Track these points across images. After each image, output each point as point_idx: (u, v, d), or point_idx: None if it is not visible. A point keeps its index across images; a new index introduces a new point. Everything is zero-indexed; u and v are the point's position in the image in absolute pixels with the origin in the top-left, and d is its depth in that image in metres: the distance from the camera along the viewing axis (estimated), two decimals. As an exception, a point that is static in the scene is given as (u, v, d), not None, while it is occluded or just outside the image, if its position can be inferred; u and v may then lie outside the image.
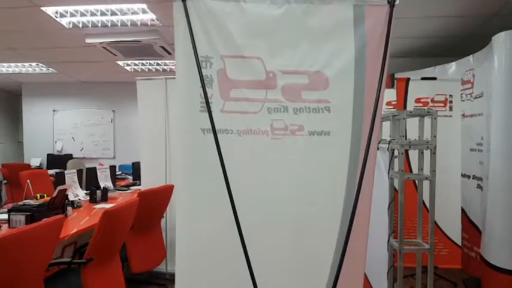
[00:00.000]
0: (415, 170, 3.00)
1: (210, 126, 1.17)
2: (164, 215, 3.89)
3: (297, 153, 1.23)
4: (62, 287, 2.54)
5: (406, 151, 2.37)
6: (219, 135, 1.16)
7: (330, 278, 1.25)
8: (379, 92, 1.14)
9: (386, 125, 3.07)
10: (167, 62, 5.64)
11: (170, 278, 1.54)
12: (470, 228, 3.96)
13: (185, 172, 1.23)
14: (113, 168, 4.83)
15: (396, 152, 2.48)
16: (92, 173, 4.50)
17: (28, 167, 6.44)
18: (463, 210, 3.95)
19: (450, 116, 3.68)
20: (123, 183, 5.35)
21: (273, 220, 1.24)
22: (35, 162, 7.00)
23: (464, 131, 3.80)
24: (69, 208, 3.37)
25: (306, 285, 1.26)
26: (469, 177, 4.01)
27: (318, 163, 1.23)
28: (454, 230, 3.69)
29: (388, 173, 2.53)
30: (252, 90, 1.22)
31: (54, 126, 7.26)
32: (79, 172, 4.31)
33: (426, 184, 2.46)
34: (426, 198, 2.49)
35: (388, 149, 2.51)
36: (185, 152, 1.22)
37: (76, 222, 3.04)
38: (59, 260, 2.64)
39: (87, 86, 7.17)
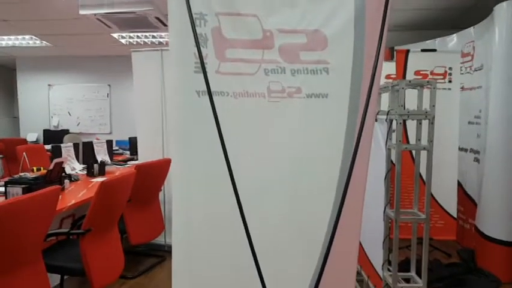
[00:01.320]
0: (412, 142, 2.99)
1: (205, 88, 1.14)
2: (162, 188, 3.90)
3: (294, 117, 1.20)
4: (60, 258, 2.56)
5: (404, 122, 2.35)
6: (214, 98, 1.13)
7: (324, 244, 1.25)
8: (379, 53, 1.11)
9: (385, 97, 3.04)
10: (163, 34, 5.54)
11: (169, 250, 1.55)
12: (466, 200, 4.00)
13: (180, 136, 1.20)
14: (109, 142, 4.82)
15: (394, 124, 2.46)
16: (88, 147, 4.48)
17: (24, 142, 6.41)
18: (459, 183, 3.97)
19: (449, 89, 3.64)
20: (120, 158, 5.35)
21: (270, 184, 1.23)
22: (31, 137, 6.96)
23: (462, 104, 3.78)
24: (66, 181, 3.37)
25: (302, 248, 1.26)
26: (466, 150, 4.02)
27: (315, 126, 1.21)
28: (449, 203, 3.72)
29: (386, 143, 2.52)
30: (248, 50, 1.18)
31: (50, 101, 7.18)
32: (75, 146, 4.29)
33: (423, 156, 2.45)
34: (423, 170, 2.48)
35: (386, 120, 2.49)
36: (180, 115, 1.19)
37: (73, 195, 3.04)
38: (57, 231, 2.66)
39: (82, 60, 7.06)
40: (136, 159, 4.66)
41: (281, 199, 1.24)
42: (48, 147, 4.92)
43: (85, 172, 4.09)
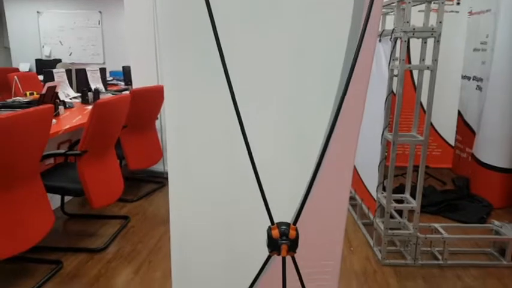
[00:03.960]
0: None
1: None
2: (158, 117, 3.87)
3: (296, 8, 1.10)
4: (59, 179, 2.58)
5: (408, 45, 2.24)
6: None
7: (318, 158, 1.21)
8: None
9: (390, 20, 2.90)
10: (155, -46, 5.16)
11: (167, 177, 1.56)
12: (465, 130, 3.99)
13: (167, 24, 1.11)
14: (103, 70, 4.69)
15: (398, 45, 2.35)
16: (82, 74, 4.37)
17: (17, 71, 6.25)
18: (459, 113, 3.94)
19: (457, 12, 3.47)
20: (114, 88, 5.24)
21: (266, 84, 1.17)
22: (24, 67, 6.77)
23: (469, 30, 3.62)
24: (60, 107, 3.32)
25: (295, 161, 1.23)
26: (469, 78, 3.93)
27: (318, 21, 1.11)
28: (448, 131, 3.71)
29: (389, 64, 2.43)
30: None
31: (40, 30, 6.89)
32: (68, 72, 4.17)
33: (425, 82, 2.36)
34: (423, 99, 2.40)
35: (390, 39, 2.38)
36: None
37: (69, 120, 3.00)
38: (54, 152, 2.65)
39: (70, -16, 6.65)
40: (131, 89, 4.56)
41: (276, 100, 1.19)
42: (41, 77, 4.79)
43: (79, 100, 4.02)
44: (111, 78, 5.81)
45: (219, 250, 1.26)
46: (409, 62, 3.22)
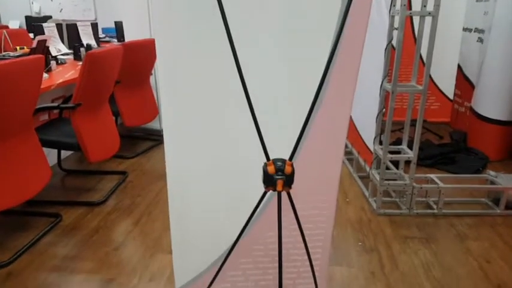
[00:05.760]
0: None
1: None
2: (152, 72, 3.80)
3: None
4: (54, 133, 2.56)
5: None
6: None
7: (314, 95, 1.19)
8: None
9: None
10: None
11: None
12: (464, 84, 3.94)
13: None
14: (94, 25, 4.55)
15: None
16: (73, 30, 4.24)
17: (6, 28, 6.06)
18: (459, 66, 3.88)
19: (461, -41, 3.33)
20: (107, 45, 5.11)
21: (263, 23, 1.12)
22: (13, 25, 6.55)
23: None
24: (52, 62, 3.24)
25: (293, 100, 1.21)
26: (470, 30, 3.83)
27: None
28: (447, 84, 3.67)
29: (390, 11, 2.35)
30: None
31: (28, -15, 6.63)
32: (59, 27, 4.05)
33: (426, 37, 2.29)
34: (423, 51, 2.34)
35: (390, -16, 2.29)
36: None
37: (61, 75, 2.94)
38: (47, 105, 2.61)
39: None
40: (126, 46, 4.44)
41: (274, 37, 1.15)
42: (32, 35, 4.64)
43: (72, 57, 3.93)
44: (103, 35, 5.64)
45: (216, 192, 1.25)
46: (410, 7, 3.12)
